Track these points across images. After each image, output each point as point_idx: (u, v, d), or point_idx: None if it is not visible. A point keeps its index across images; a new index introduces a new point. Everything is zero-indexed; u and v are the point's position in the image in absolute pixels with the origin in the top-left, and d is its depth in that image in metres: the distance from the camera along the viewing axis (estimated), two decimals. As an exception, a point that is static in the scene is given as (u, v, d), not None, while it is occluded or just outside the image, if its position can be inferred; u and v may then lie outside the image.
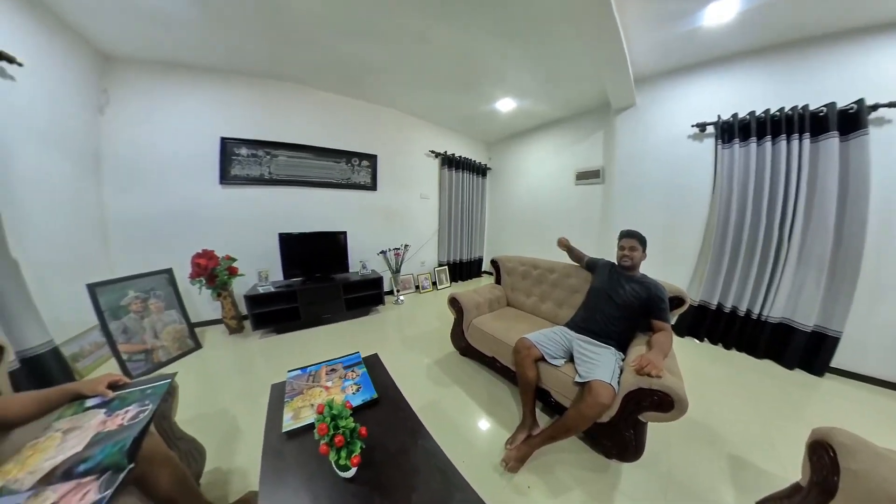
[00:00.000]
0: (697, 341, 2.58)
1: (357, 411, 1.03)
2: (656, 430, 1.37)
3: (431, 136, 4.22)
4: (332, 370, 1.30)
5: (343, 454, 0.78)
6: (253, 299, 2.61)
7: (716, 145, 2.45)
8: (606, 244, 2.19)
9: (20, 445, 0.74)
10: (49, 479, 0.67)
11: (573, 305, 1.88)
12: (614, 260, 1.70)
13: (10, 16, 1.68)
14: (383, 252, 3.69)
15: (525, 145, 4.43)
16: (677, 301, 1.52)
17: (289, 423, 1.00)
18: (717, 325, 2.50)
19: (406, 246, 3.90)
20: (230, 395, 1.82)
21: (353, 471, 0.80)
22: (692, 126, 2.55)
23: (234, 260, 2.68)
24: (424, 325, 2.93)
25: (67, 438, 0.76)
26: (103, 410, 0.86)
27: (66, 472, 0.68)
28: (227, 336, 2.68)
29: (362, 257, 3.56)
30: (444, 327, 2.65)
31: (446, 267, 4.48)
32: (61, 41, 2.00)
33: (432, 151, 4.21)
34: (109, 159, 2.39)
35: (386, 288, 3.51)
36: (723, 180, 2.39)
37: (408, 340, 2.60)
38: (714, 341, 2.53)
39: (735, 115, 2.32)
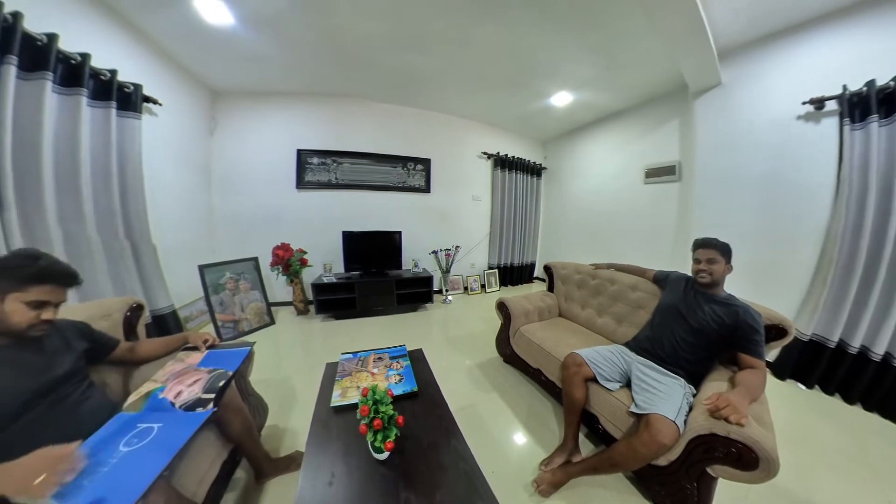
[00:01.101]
0: (804, 387, 2.01)
1: (397, 400, 1.07)
2: (729, 490, 1.09)
3: (484, 137, 4.21)
4: (379, 359, 1.38)
5: (379, 437, 0.82)
6: (318, 287, 2.95)
7: (840, 126, 1.87)
8: (684, 254, 1.83)
9: (153, 370, 1.05)
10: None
11: (636, 323, 1.65)
12: (690, 273, 1.45)
13: (156, 71, 2.32)
14: (435, 252, 3.79)
15: (584, 141, 4.10)
16: (777, 332, 1.20)
17: (336, 399, 1.10)
18: (835, 369, 1.91)
19: (457, 247, 3.94)
20: (292, 366, 2.09)
21: (385, 454, 0.84)
22: (803, 103, 1.98)
23: (305, 252, 3.10)
24: (470, 327, 2.92)
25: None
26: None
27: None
28: (295, 316, 3.10)
29: (415, 256, 3.71)
30: (489, 331, 2.60)
31: (496, 270, 4.39)
32: (186, 84, 2.66)
33: (484, 153, 4.19)
34: (216, 171, 3.09)
35: (435, 287, 3.60)
36: (853, 172, 1.81)
37: (452, 340, 2.62)
38: (829, 391, 1.94)
39: (871, 83, 1.72)
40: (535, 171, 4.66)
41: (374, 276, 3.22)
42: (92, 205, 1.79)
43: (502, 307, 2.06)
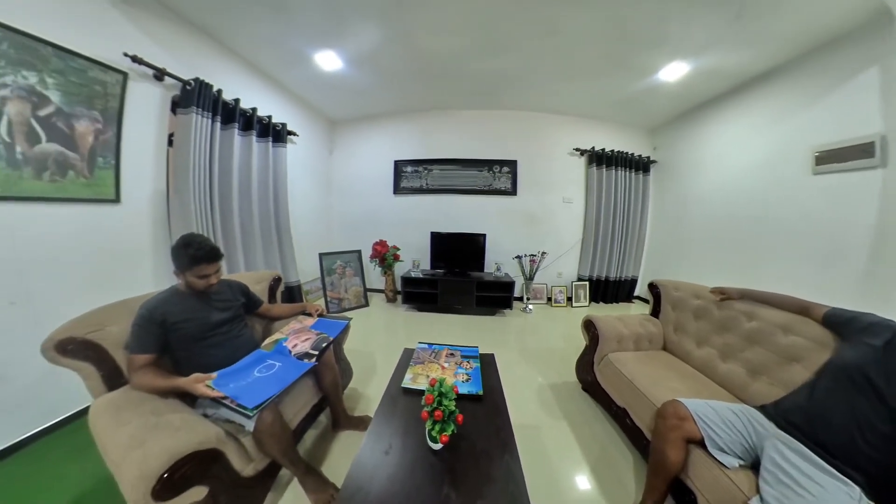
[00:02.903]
0: None
1: (460, 399, 1.07)
2: None
3: (576, 131, 3.82)
4: (451, 355, 1.44)
5: (437, 428, 0.86)
6: (406, 280, 3.32)
7: None
8: (886, 290, 1.10)
9: (281, 325, 1.43)
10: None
11: (784, 382, 1.15)
12: None
13: (294, 111, 3.19)
14: (518, 257, 3.66)
15: (709, 122, 3.17)
16: None
17: (407, 382, 1.22)
18: None
19: (543, 253, 3.69)
20: (377, 344, 2.48)
21: (439, 446, 0.86)
22: None
23: (398, 249, 3.56)
24: (548, 342, 2.72)
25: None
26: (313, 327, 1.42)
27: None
28: (384, 303, 3.65)
29: (498, 259, 3.67)
30: (569, 350, 2.34)
31: (587, 283, 3.92)
32: (313, 118, 3.57)
33: (577, 149, 3.79)
34: (334, 181, 4.03)
35: (516, 294, 3.48)
36: None
37: (527, 352, 2.49)
38: None
39: None
40: (640, 165, 3.90)
41: (457, 276, 3.36)
42: (257, 207, 2.58)
43: (590, 326, 1.80)
